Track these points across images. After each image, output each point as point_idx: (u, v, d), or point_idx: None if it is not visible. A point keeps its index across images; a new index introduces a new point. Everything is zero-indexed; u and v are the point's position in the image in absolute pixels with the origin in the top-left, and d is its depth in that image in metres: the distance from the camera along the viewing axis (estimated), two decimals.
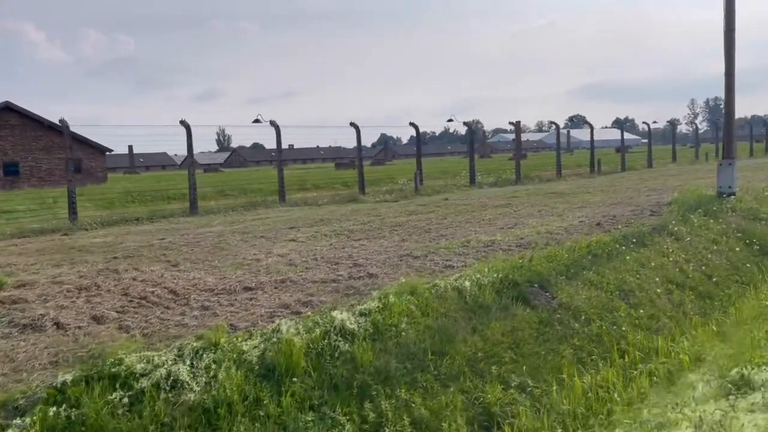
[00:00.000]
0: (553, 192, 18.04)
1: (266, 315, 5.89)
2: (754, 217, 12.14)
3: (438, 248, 9.11)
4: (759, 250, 10.64)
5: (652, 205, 12.99)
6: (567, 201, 15.11)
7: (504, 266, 7.48)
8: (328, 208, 17.37)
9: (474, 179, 26.27)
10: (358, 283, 7.11)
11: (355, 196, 21.36)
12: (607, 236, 9.49)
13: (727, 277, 9.46)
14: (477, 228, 11.25)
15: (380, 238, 10.66)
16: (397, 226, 12.19)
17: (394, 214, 14.47)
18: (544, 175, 30.62)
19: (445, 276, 7.26)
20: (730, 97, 13.51)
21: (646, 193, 16.03)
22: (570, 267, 8.02)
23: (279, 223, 13.79)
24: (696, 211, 11.45)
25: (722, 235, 10.81)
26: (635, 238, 9.56)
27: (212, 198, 25.57)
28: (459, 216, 13.37)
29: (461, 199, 17.40)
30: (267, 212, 17.39)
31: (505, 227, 11.09)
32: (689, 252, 9.79)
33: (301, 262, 8.51)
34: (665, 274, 8.82)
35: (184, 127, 18.15)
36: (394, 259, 8.39)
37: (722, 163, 13.41)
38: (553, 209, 13.56)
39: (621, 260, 8.68)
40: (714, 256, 9.94)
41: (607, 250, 8.82)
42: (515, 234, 10.06)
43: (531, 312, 6.84)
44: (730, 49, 13.18)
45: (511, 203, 15.40)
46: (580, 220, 11.30)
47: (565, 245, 8.82)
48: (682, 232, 10.33)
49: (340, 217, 14.15)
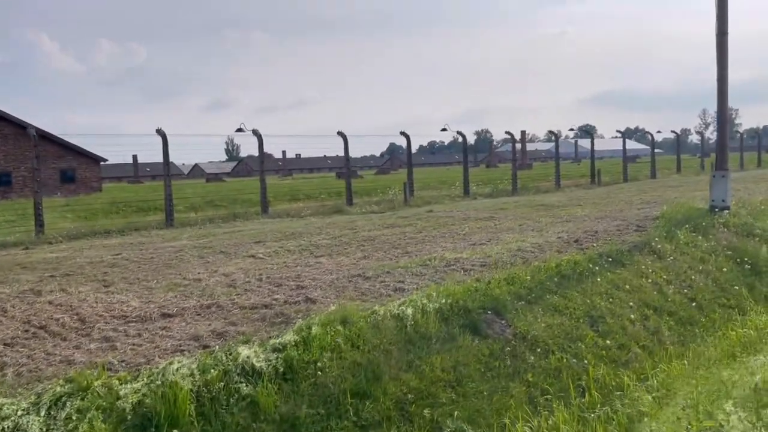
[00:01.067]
0: (543, 204, 17.28)
1: (170, 349, 5.21)
2: (748, 234, 11.35)
3: (396, 267, 8.41)
4: (750, 269, 9.86)
5: (640, 220, 12.23)
6: (553, 214, 14.36)
7: (457, 290, 6.76)
8: (308, 221, 16.71)
9: (468, 190, 25.55)
10: (292, 309, 6.42)
11: (341, 208, 20.69)
12: (581, 255, 8.75)
13: (712, 300, 8.68)
14: (448, 243, 10.54)
15: (343, 254, 9.97)
16: (368, 240, 11.51)
17: (370, 227, 13.79)
18: (543, 186, 29.86)
19: (391, 300, 6.55)
20: (723, 103, 12.75)
21: (639, 206, 15.26)
22: (533, 290, 7.29)
23: (249, 236, 13.14)
24: (683, 227, 10.68)
25: (711, 254, 10.03)
26: (612, 257, 8.81)
27: (201, 209, 25.03)
28: (436, 230, 12.67)
29: (446, 212, 16.69)
30: (244, 224, 16.76)
31: (477, 243, 10.37)
32: (672, 272, 9.03)
33: (242, 283, 7.83)
34: (642, 297, 8.07)
35: (160, 136, 17.59)
36: (343, 281, 7.69)
37: (715, 175, 12.62)
38: (536, 223, 12.82)
39: (592, 282, 7.94)
40: (699, 276, 9.17)
41: (578, 271, 8.09)
42: (484, 251, 9.33)
43: (481, 343, 6.12)
44: (723, 53, 12.43)
45: (495, 216, 14.67)
46: (559, 236, 10.56)
47: (532, 265, 8.09)
48: (665, 250, 9.57)
49: (314, 231, 13.48)
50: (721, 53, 12.43)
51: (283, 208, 21.42)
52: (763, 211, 12.95)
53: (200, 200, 28.36)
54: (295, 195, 30.49)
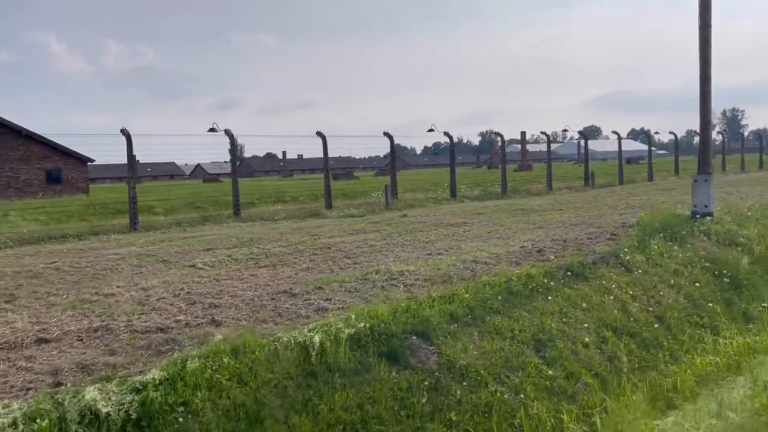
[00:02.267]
0: (523, 209, 16.47)
1: (19, 386, 4.45)
2: (731, 243, 10.52)
3: (332, 282, 7.62)
4: (729, 283, 9.04)
5: (617, 227, 11.41)
6: (528, 220, 13.55)
7: (383, 311, 5.98)
8: (276, 225, 15.97)
9: (455, 192, 24.77)
10: (190, 333, 5.65)
11: (319, 211, 19.94)
12: (539, 268, 7.95)
13: (683, 318, 7.87)
14: (405, 253, 9.76)
15: (289, 264, 9.22)
16: (323, 249, 10.74)
17: (335, 233, 13.02)
18: (535, 188, 29.07)
19: (307, 323, 5.78)
20: (705, 103, 11.90)
21: (622, 211, 14.43)
22: (473, 310, 6.50)
23: (204, 243, 12.39)
24: (658, 236, 9.87)
25: (686, 265, 9.22)
26: (573, 270, 8.01)
27: (179, 211, 24.35)
28: (401, 236, 11.89)
29: (421, 217, 15.90)
30: (210, 229, 16.03)
31: (434, 253, 9.58)
32: (639, 287, 8.22)
33: (156, 299, 7.07)
34: (602, 316, 7.27)
35: (124, 136, 16.89)
36: (264, 298, 6.91)
37: (697, 179, 11.77)
38: (507, 230, 12.01)
39: (545, 300, 7.14)
40: (670, 291, 8.36)
41: (530, 287, 7.29)
42: (436, 263, 8.54)
43: (399, 374, 5.34)
44: (706, 47, 11.58)
45: (468, 222, 13.87)
46: (523, 245, 9.76)
47: (480, 280, 7.30)
48: (635, 261, 8.76)
49: (275, 237, 12.72)
50: (704, 48, 11.58)
51: (257, 211, 20.67)
52: (750, 217, 12.12)
53: (181, 202, 27.68)
54: (280, 197, 29.74)
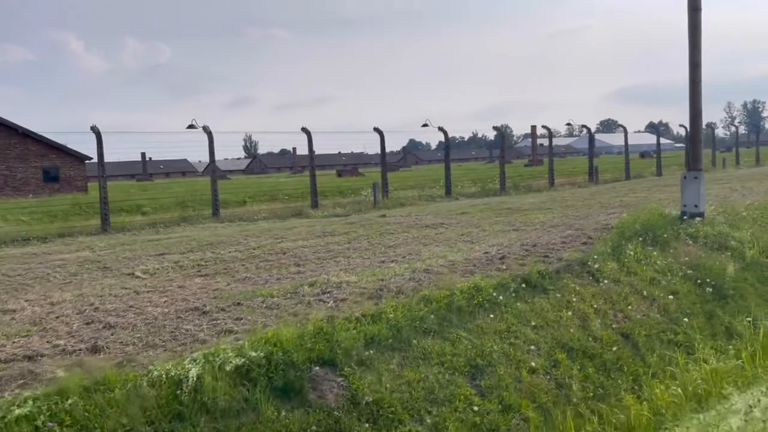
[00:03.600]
0: (510, 208, 15.58)
1: None
2: (720, 247, 9.58)
3: (258, 295, 6.85)
4: (713, 293, 8.13)
5: (598, 229, 10.51)
6: (509, 221, 12.68)
7: (288, 335, 5.20)
8: (250, 226, 15.25)
9: (450, 190, 23.90)
10: (62, 363, 4.90)
11: (302, 210, 19.20)
12: (491, 278, 7.11)
13: (654, 335, 7.00)
14: (359, 259, 8.97)
15: (229, 273, 8.48)
16: (278, 254, 10.00)
17: (301, 236, 12.26)
18: (536, 185, 28.13)
19: (196, 350, 5.01)
20: (695, 92, 10.93)
21: (611, 210, 13.49)
22: (400, 331, 5.69)
23: (161, 246, 11.71)
24: (637, 240, 8.97)
25: (665, 273, 8.32)
26: (530, 281, 7.17)
27: (170, 210, 23.68)
28: (367, 240, 11.10)
29: (401, 217, 15.08)
30: (182, 230, 15.39)
31: (389, 260, 8.77)
32: (607, 299, 7.36)
33: (56, 317, 6.33)
34: (557, 335, 6.42)
35: (94, 134, 16.26)
36: (171, 316, 6.15)
37: (686, 176, 10.81)
38: (482, 232, 11.16)
39: (491, 316, 6.32)
40: (642, 304, 7.49)
41: (476, 301, 6.47)
42: (382, 273, 7.73)
43: (293, 414, 4.56)
44: (695, 33, 10.62)
45: (447, 223, 13.03)
46: (487, 251, 8.91)
47: (418, 295, 6.48)
48: (605, 270, 7.89)
49: (237, 240, 11.99)
50: (693, 33, 10.62)
51: (239, 211, 19.99)
52: (746, 217, 11.15)
53: (173, 201, 27.06)
54: (275, 195, 29.07)
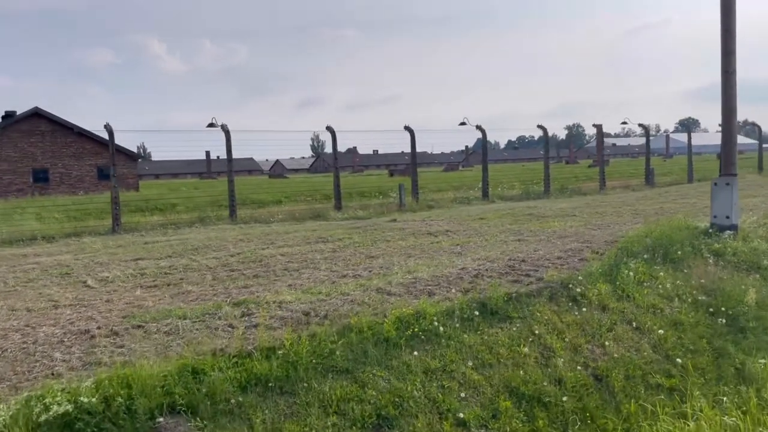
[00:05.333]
0: (533, 213, 14.28)
1: None
2: (750, 267, 8.12)
3: (172, 315, 6.00)
4: (726, 324, 6.75)
5: (610, 242, 9.18)
6: (518, 229, 11.45)
7: (151, 373, 4.33)
8: (258, 229, 14.59)
9: (486, 192, 22.64)
10: None
11: (322, 212, 18.43)
12: (440, 304, 6.04)
13: (638, 377, 5.75)
14: (326, 272, 8.04)
15: (178, 285, 7.77)
16: (253, 262, 9.25)
17: (296, 241, 11.45)
18: (586, 188, 26.43)
19: (34, 389, 4.22)
20: (728, 85, 9.36)
21: (639, 220, 12.01)
22: (298, 370, 4.73)
23: (144, 251, 11.18)
24: (642, 257, 7.65)
25: (671, 298, 7.00)
26: (490, 306, 6.06)
27: (203, 209, 23.42)
28: (355, 248, 10.19)
29: (412, 222, 14.06)
30: (190, 232, 14.94)
31: (350, 275, 7.78)
32: (586, 330, 6.15)
33: None
34: (508, 376, 5.30)
35: (107, 131, 16.00)
36: (53, 340, 5.38)
37: (717, 183, 9.31)
38: (485, 241, 10.03)
39: (426, 351, 5.27)
40: (632, 337, 6.23)
41: (410, 332, 5.43)
42: (328, 291, 6.77)
43: None
44: (729, 13, 9.05)
45: (454, 230, 11.91)
46: (463, 267, 7.79)
47: (341, 322, 5.49)
48: (592, 294, 6.66)
49: (223, 246, 11.30)
50: (726, 14, 9.07)
51: (255, 213, 19.40)
52: None
53: (209, 200, 26.88)
54: (312, 195, 28.47)
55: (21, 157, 35.09)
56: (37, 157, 35.68)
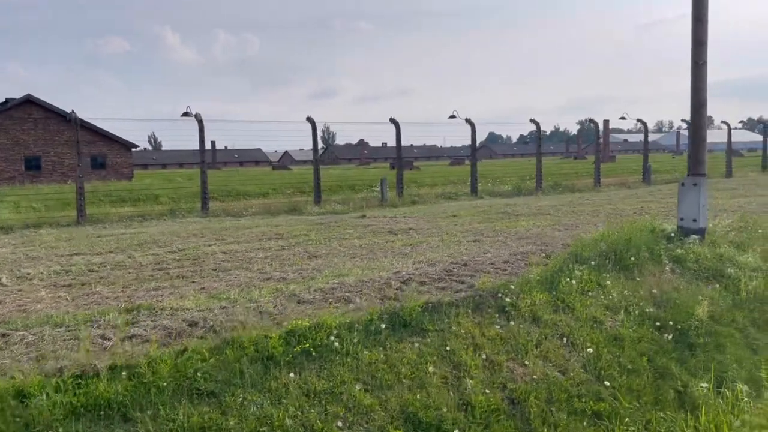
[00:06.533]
0: (506, 212, 13.62)
1: None
2: (713, 275, 7.46)
3: (50, 323, 5.46)
4: (673, 339, 6.11)
5: (567, 245, 8.55)
6: (481, 229, 10.83)
7: None
8: (218, 224, 14.06)
9: (475, 188, 21.98)
10: None
11: (298, 206, 17.87)
12: (345, 315, 5.46)
13: (562, 401, 5.14)
14: (253, 274, 7.49)
15: (90, 285, 7.23)
16: (186, 260, 8.71)
17: (249, 238, 10.89)
18: (581, 184, 25.68)
19: None
20: (698, 77, 8.68)
21: (614, 221, 11.35)
22: (149, 393, 4.17)
23: (89, 245, 10.66)
24: (590, 263, 7.02)
25: (616, 310, 6.37)
26: (402, 318, 5.47)
27: (182, 201, 22.94)
28: (304, 246, 9.63)
29: (380, 218, 13.46)
30: (153, 225, 14.48)
31: (275, 278, 7.22)
32: (511, 346, 5.54)
33: None
34: (407, 399, 4.71)
35: (71, 120, 15.49)
36: None
37: (684, 183, 8.64)
38: (440, 242, 9.43)
39: (311, 371, 4.69)
40: (562, 354, 5.62)
41: (298, 349, 4.85)
42: (235, 297, 6.21)
43: None
44: (701, 6, 8.38)
45: (418, 228, 11.31)
46: (398, 271, 7.19)
47: (222, 336, 4.92)
48: (524, 304, 6.05)
49: (171, 241, 10.78)
50: (697, 2, 8.38)
51: (229, 206, 18.89)
52: (762, 236, 8.85)
53: (195, 191, 26.38)
54: (300, 188, 27.92)
55: (13, 145, 34.80)
56: (30, 144, 35.36)
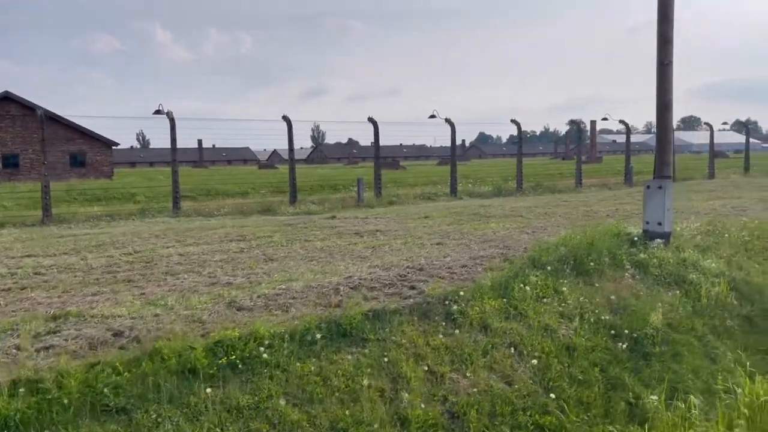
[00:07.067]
0: (477, 213, 13.41)
1: None
2: (675, 281, 7.25)
3: None
4: (628, 348, 5.90)
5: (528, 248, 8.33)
6: (448, 231, 10.59)
7: None
8: (186, 224, 13.77)
9: (455, 189, 21.75)
10: None
11: (272, 207, 17.57)
12: (283, 324, 5.20)
13: (506, 415, 4.89)
14: (203, 279, 7.21)
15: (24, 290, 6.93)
16: (137, 263, 8.44)
17: (211, 240, 10.58)
18: (563, 185, 25.52)
19: None
20: (664, 78, 8.48)
21: (585, 223, 11.15)
22: (68, 408, 3.90)
23: (44, 246, 10.37)
24: (545, 269, 6.79)
25: (571, 318, 6.15)
26: (341, 327, 5.22)
27: (154, 200, 22.55)
28: (263, 249, 9.35)
29: (350, 219, 13.20)
30: (121, 224, 14.18)
31: (222, 283, 6.94)
32: (457, 356, 5.30)
33: None
34: (337, 414, 4.46)
35: (39, 119, 15.13)
36: None
37: (649, 186, 8.43)
38: (403, 244, 9.18)
39: (236, 384, 4.43)
40: (510, 364, 5.38)
41: (223, 361, 4.58)
42: (172, 303, 5.93)
43: None
44: (667, 4, 8.16)
45: (386, 230, 11.05)
46: (350, 276, 6.94)
47: (145, 347, 4.65)
48: (473, 312, 5.81)
49: (131, 241, 10.49)
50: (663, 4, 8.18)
51: (202, 205, 18.58)
52: (733, 241, 8.66)
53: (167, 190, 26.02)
54: (280, 187, 27.59)
55: None
56: (7, 142, 34.83)
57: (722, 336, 6.50)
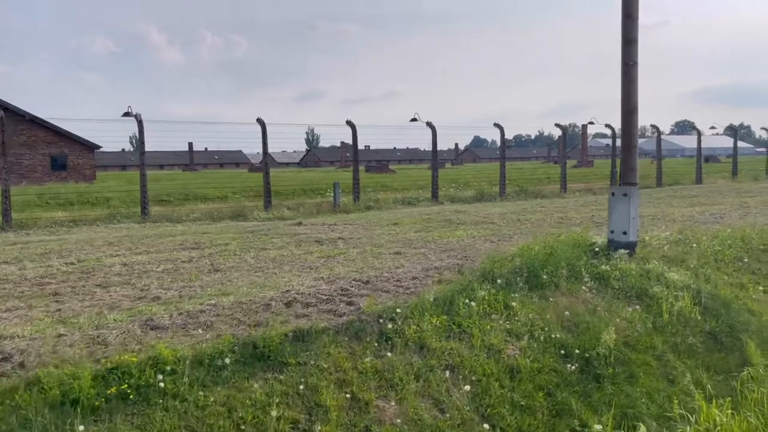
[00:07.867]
0: (448, 219, 12.96)
1: None
2: (636, 294, 6.81)
3: None
4: (578, 370, 5.45)
5: None
6: (412, 239, 10.14)
7: None
8: (149, 230, 13.27)
9: (436, 194, 21.30)
10: None
11: (244, 212, 17.10)
12: (194, 347, 4.73)
13: None
14: (134, 292, 6.74)
15: None
16: (73, 273, 7.94)
17: (168, 248, 10.12)
18: (548, 190, 25.15)
19: None
20: (629, 80, 8.06)
21: (554, 231, 10.72)
22: None
23: None
24: (496, 282, 6.34)
25: (521, 336, 5.69)
26: (258, 350, 4.76)
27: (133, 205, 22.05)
28: (218, 258, 8.89)
29: (317, 226, 12.73)
30: (76, 231, 13.72)
31: (148, 297, 6.47)
32: (384, 380, 4.84)
33: None
34: None
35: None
36: None
37: (614, 193, 7.99)
38: (361, 253, 8.73)
39: (124, 417, 3.96)
40: (444, 389, 4.92)
41: (112, 391, 4.12)
42: (86, 323, 5.46)
43: None
44: (631, 3, 7.75)
45: (349, 238, 10.60)
46: (287, 290, 6.47)
47: (26, 376, 4.18)
48: (412, 331, 5.35)
49: (93, 249, 10.04)
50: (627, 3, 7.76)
51: (172, 211, 18.08)
52: (702, 251, 8.23)
53: (151, 195, 25.49)
54: (258, 192, 27.08)
55: None
56: None
57: (683, 355, 6.05)
